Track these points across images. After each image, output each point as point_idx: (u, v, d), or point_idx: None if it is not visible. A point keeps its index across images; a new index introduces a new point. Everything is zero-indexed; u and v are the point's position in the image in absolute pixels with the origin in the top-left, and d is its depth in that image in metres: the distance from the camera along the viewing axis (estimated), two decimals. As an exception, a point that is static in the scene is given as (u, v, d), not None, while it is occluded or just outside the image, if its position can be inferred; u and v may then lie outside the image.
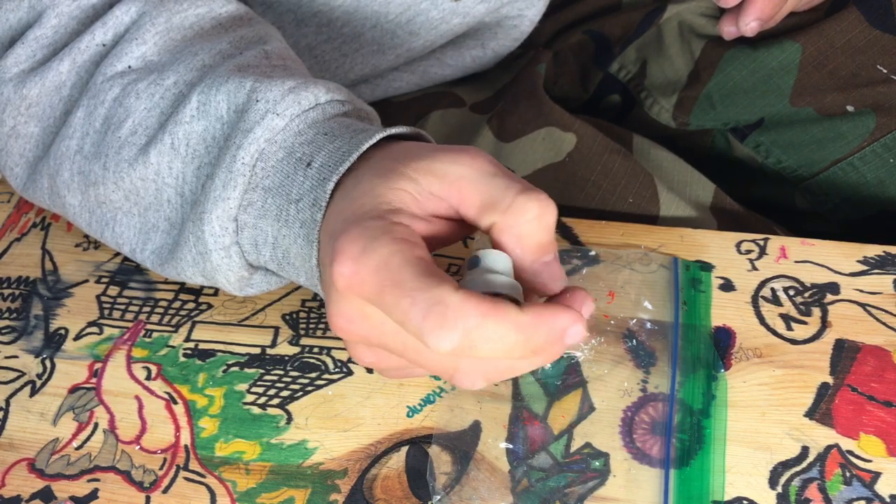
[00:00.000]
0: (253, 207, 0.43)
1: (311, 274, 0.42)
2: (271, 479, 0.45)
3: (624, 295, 0.50)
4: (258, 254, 0.44)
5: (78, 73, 0.48)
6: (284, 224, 0.42)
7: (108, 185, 0.46)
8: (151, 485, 0.45)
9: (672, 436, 0.45)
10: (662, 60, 0.70)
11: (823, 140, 0.64)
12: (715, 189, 0.62)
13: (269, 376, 0.49)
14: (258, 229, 0.43)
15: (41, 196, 0.50)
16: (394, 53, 0.63)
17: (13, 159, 0.50)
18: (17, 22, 0.49)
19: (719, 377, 0.47)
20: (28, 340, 0.51)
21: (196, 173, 0.44)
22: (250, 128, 0.42)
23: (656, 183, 0.60)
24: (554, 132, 0.62)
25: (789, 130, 0.65)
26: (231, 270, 0.44)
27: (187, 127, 0.44)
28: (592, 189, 0.60)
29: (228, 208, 0.42)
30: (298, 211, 0.41)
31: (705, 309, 0.49)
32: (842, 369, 0.47)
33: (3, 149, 0.50)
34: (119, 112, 0.46)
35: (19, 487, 0.45)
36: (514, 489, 0.43)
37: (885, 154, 0.62)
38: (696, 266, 0.51)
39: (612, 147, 0.61)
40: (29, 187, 0.51)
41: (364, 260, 0.35)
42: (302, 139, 0.42)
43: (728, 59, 0.66)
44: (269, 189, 0.42)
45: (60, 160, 0.48)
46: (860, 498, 0.42)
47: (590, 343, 0.48)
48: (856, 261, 0.51)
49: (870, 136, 0.62)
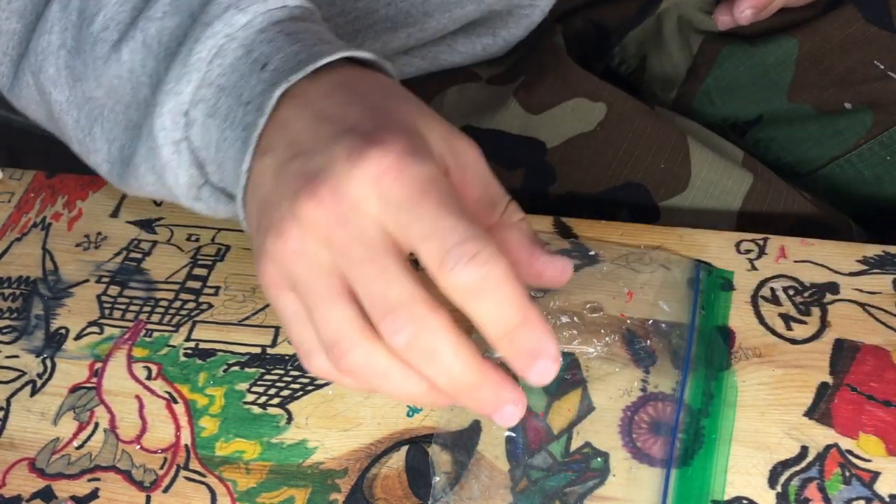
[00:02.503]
0: (205, 104, 0.40)
1: (237, 183, 0.38)
2: (272, 479, 0.45)
3: (642, 296, 0.50)
4: (206, 153, 0.41)
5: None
6: (230, 126, 0.40)
7: (90, 82, 0.45)
8: (152, 484, 0.45)
9: (675, 435, 0.45)
10: (662, 55, 0.70)
11: (821, 137, 0.64)
12: (744, 154, 0.62)
13: (269, 376, 0.49)
14: (206, 128, 0.40)
15: (28, 94, 0.48)
16: (405, 32, 0.63)
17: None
18: None
19: (719, 377, 0.47)
20: (29, 340, 0.51)
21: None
22: (210, 21, 0.40)
23: (689, 142, 0.59)
24: (583, 103, 0.61)
25: (787, 127, 0.65)
26: (180, 168, 0.42)
27: (159, 24, 0.42)
28: (625, 156, 0.59)
29: (180, 102, 0.40)
30: (245, 114, 0.39)
31: (724, 312, 0.49)
32: (841, 369, 0.47)
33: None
34: (90, 5, 0.44)
35: (20, 487, 0.45)
36: (514, 489, 0.44)
37: (881, 152, 0.62)
38: (719, 280, 0.51)
39: (642, 109, 0.61)
40: (15, 86, 0.49)
41: (420, 155, 0.33)
42: (262, 37, 0.40)
43: (726, 55, 0.66)
44: (222, 88, 0.40)
45: (43, 55, 0.46)
46: (859, 497, 0.42)
47: (603, 340, 0.48)
48: (855, 260, 0.51)
49: (867, 134, 0.62)
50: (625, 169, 0.59)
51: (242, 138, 0.39)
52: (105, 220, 0.57)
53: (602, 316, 0.50)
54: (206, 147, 0.41)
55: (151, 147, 0.42)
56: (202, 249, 0.55)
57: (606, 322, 0.49)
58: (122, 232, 0.57)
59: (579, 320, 0.49)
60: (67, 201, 0.59)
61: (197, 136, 0.41)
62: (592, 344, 0.48)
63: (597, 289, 0.51)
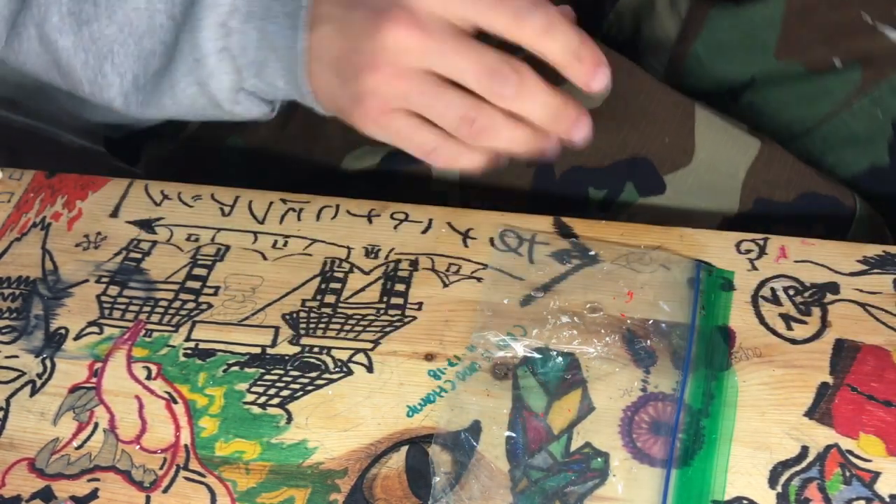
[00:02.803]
0: (239, 12, 0.47)
1: (292, 68, 0.47)
2: (271, 479, 0.45)
3: (642, 296, 0.50)
4: (243, 59, 0.48)
5: None
6: (271, 20, 0.46)
7: (102, 21, 0.49)
8: (151, 484, 0.45)
9: (675, 435, 0.45)
10: (653, 21, 0.70)
11: (812, 97, 0.64)
12: (747, 127, 0.62)
13: (269, 376, 0.49)
14: (243, 33, 0.47)
15: (29, 47, 0.51)
16: None
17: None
18: None
19: (719, 377, 0.47)
20: (28, 340, 0.51)
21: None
22: None
23: (696, 112, 0.59)
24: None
25: (779, 88, 0.65)
26: (224, 74, 0.48)
27: None
28: (630, 132, 0.59)
29: (219, 14, 0.47)
30: (283, 5, 0.46)
31: (724, 312, 0.49)
32: (841, 369, 0.47)
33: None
34: None
35: (19, 487, 0.45)
36: (514, 489, 0.43)
37: (872, 109, 0.62)
38: (720, 280, 0.51)
39: (648, 82, 0.61)
40: (12, 42, 0.52)
41: None
42: None
43: (713, 17, 0.66)
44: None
45: (46, 6, 0.49)
46: (860, 497, 0.42)
47: (603, 340, 0.48)
48: (855, 260, 0.51)
49: (857, 92, 0.62)
50: (627, 148, 0.59)
51: (288, 25, 0.46)
52: (105, 220, 0.57)
53: (602, 316, 0.50)
54: (244, 52, 0.48)
55: (196, 59, 0.48)
56: (202, 249, 0.55)
57: (606, 322, 0.49)
58: (121, 232, 0.57)
59: (579, 320, 0.49)
60: (67, 201, 0.59)
61: (235, 44, 0.48)
62: (592, 344, 0.48)
63: (597, 289, 0.51)
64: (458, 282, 0.52)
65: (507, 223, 0.55)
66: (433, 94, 0.46)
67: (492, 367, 0.48)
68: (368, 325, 0.50)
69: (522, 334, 0.49)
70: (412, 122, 0.47)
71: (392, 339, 0.50)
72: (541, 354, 0.48)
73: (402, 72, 0.45)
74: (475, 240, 0.54)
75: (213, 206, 0.58)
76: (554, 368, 0.48)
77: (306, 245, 0.55)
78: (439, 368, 0.48)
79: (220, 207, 0.57)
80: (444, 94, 0.46)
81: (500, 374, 0.48)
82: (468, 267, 0.53)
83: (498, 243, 0.54)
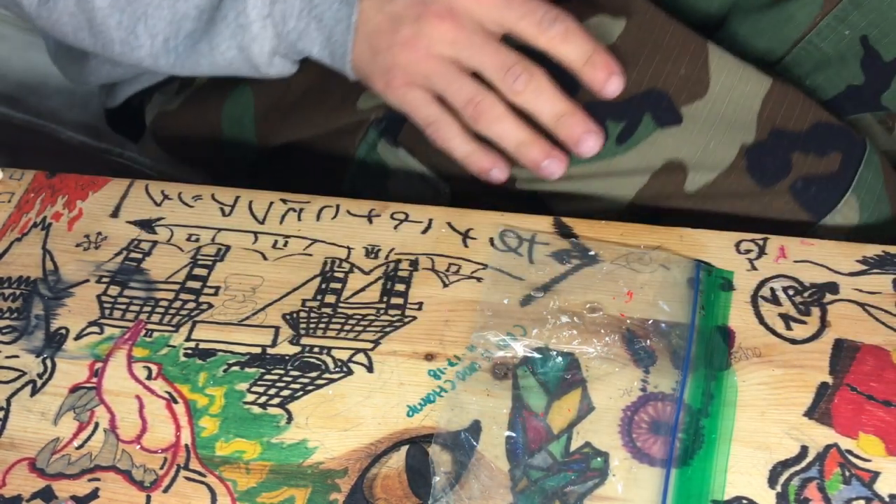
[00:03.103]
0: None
1: (333, 37, 0.53)
2: (272, 479, 0.45)
3: (642, 296, 0.50)
4: (286, 25, 0.54)
5: None
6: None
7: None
8: (152, 484, 0.45)
9: (675, 435, 0.45)
10: None
11: (779, 22, 0.64)
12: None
13: (269, 376, 0.49)
14: (287, 2, 0.54)
15: (64, 7, 0.55)
16: None
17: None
18: None
19: (719, 377, 0.47)
20: (29, 340, 0.51)
21: None
22: None
23: (708, 47, 0.59)
24: (604, 20, 0.61)
25: (749, 18, 0.65)
26: (266, 39, 0.54)
27: None
28: (644, 66, 0.59)
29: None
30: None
31: (723, 312, 0.49)
32: (841, 369, 0.47)
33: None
34: None
35: (20, 487, 0.45)
36: (514, 489, 0.44)
37: (839, 27, 0.62)
38: (719, 280, 0.51)
39: (661, 18, 0.61)
40: (47, 2, 0.55)
41: None
42: None
43: None
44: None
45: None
46: (859, 497, 0.42)
47: (603, 340, 0.48)
48: (855, 260, 0.51)
49: (820, 12, 0.62)
50: (643, 83, 0.59)
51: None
52: (105, 220, 0.57)
53: (602, 316, 0.50)
54: (284, 20, 0.54)
55: (241, 24, 0.54)
56: (202, 249, 0.55)
57: (606, 322, 0.49)
58: (122, 232, 0.57)
59: (579, 320, 0.49)
60: (67, 201, 0.59)
61: (278, 11, 0.54)
62: (592, 344, 0.48)
63: (597, 289, 0.51)
64: (458, 282, 0.52)
65: (507, 223, 0.55)
66: (452, 77, 0.54)
67: (492, 366, 0.48)
68: (368, 325, 0.50)
69: (522, 334, 0.49)
70: (425, 97, 0.55)
71: (392, 338, 0.50)
72: (541, 354, 0.48)
73: (432, 56, 0.53)
74: (475, 240, 0.54)
75: (213, 206, 0.58)
76: (554, 368, 0.48)
77: (306, 245, 0.55)
78: (439, 368, 0.48)
79: (221, 207, 0.58)
80: (461, 79, 0.54)
81: (500, 373, 0.48)
82: (468, 267, 0.53)
83: (498, 243, 0.54)
